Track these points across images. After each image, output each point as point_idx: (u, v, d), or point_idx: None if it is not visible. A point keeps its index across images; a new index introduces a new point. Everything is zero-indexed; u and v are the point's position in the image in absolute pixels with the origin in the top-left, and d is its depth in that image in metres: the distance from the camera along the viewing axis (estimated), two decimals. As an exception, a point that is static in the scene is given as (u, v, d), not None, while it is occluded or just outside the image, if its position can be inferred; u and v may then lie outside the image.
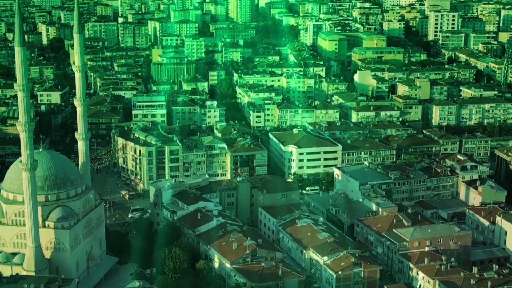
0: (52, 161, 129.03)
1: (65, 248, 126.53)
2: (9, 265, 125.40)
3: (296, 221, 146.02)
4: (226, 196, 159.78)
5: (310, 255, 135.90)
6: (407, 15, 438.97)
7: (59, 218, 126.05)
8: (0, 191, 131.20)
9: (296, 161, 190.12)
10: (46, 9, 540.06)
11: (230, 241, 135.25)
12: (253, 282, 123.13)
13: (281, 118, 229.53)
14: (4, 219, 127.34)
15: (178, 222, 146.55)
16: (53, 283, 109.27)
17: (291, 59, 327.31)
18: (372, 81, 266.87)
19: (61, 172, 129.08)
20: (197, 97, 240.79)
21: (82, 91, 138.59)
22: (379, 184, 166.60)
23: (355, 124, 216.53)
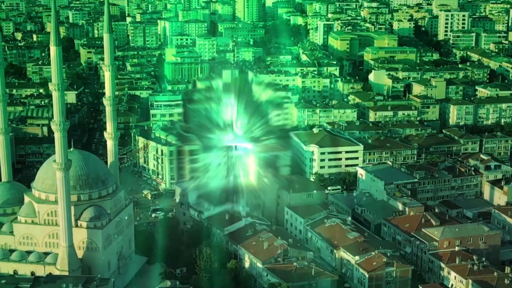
0: (84, 161, 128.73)
1: (98, 247, 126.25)
2: (42, 264, 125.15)
3: (325, 220, 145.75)
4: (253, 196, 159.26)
5: (340, 255, 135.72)
6: (416, 14, 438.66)
7: (92, 217, 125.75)
8: (32, 191, 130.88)
9: (318, 161, 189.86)
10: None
11: (261, 241, 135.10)
12: (286, 281, 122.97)
13: (299, 118, 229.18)
14: (37, 219, 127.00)
15: (206, 221, 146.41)
16: (90, 282, 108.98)
17: (303, 58, 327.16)
18: (387, 81, 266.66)
19: (93, 171, 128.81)
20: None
21: (111, 90, 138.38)
22: (404, 183, 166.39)
23: (373, 124, 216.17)
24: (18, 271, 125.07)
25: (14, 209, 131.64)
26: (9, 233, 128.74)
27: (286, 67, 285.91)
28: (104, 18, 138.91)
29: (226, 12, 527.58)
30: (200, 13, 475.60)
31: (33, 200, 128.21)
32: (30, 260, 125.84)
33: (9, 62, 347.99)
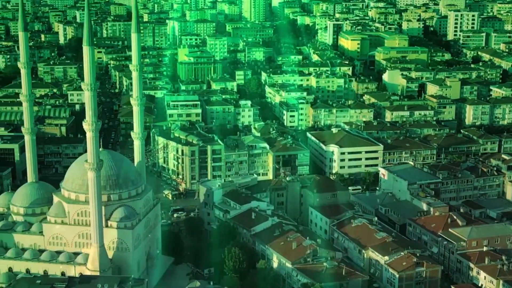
0: (113, 161, 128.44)
1: (128, 248, 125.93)
2: (72, 265, 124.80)
3: (351, 221, 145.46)
4: (276, 195, 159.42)
5: (369, 255, 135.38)
6: (424, 14, 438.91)
7: (122, 217, 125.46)
8: (60, 191, 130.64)
9: (338, 161, 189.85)
10: (59, 9, 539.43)
11: (289, 241, 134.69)
12: (316, 281, 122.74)
13: (315, 118, 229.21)
14: (66, 219, 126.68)
15: (232, 221, 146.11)
16: (125, 283, 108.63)
17: (314, 58, 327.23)
18: (401, 81, 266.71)
19: (123, 171, 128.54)
20: (228, 97, 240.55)
21: (139, 90, 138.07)
22: (427, 183, 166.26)
23: (391, 124, 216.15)
24: (48, 271, 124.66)
25: (43, 209, 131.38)
26: (39, 233, 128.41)
27: (299, 67, 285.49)
28: (132, 18, 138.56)
29: (232, 12, 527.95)
30: (207, 13, 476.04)
31: (63, 200, 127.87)
32: (60, 260, 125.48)
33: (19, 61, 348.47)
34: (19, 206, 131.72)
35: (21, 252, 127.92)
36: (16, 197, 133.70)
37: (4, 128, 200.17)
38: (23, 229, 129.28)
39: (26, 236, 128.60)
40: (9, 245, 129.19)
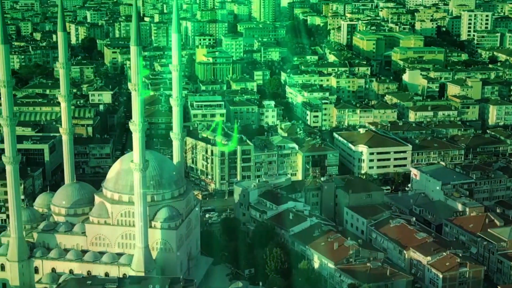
0: (156, 161, 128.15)
1: (172, 248, 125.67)
2: (116, 265, 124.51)
3: (390, 221, 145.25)
4: (311, 196, 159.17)
5: (410, 255, 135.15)
6: (435, 15, 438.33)
7: (166, 218, 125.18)
8: (102, 191, 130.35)
9: (367, 161, 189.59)
10: (68, 9, 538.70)
11: (330, 241, 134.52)
12: (361, 282, 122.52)
13: (339, 118, 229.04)
14: (110, 219, 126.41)
15: (269, 222, 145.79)
16: (176, 283, 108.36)
17: (330, 58, 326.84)
18: (422, 81, 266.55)
19: (166, 172, 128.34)
20: (249, 97, 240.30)
21: (179, 91, 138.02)
22: (460, 184, 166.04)
23: (416, 124, 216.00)
24: (92, 272, 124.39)
25: (84, 210, 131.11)
26: (81, 233, 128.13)
27: (318, 67, 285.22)
28: (173, 18, 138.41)
29: (242, 12, 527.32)
30: (218, 13, 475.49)
31: (106, 200, 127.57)
32: (103, 261, 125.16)
33: (34, 62, 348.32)
34: (61, 206, 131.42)
35: (64, 252, 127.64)
36: (57, 198, 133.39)
37: (31, 129, 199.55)
38: (65, 229, 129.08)
39: (69, 237, 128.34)
40: (51, 245, 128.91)
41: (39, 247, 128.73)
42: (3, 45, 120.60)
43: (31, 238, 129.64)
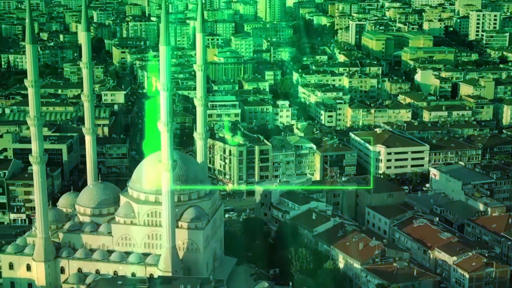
0: (182, 161, 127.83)
1: (198, 248, 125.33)
2: (142, 265, 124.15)
3: (413, 221, 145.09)
4: (332, 196, 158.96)
5: (435, 255, 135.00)
6: (443, 14, 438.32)
7: (193, 218, 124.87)
8: (127, 191, 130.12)
9: (384, 161, 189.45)
10: (74, 9, 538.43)
11: (354, 241, 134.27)
12: (388, 282, 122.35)
13: (353, 118, 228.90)
14: (136, 220, 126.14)
15: (292, 222, 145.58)
16: (207, 284, 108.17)
17: (340, 58, 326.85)
18: (434, 81, 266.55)
19: (192, 172, 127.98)
20: (262, 97, 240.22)
21: (203, 90, 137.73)
22: (481, 184, 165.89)
23: (432, 124, 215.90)
24: (119, 272, 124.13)
25: (109, 210, 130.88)
26: (107, 233, 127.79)
27: (330, 67, 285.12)
28: (198, 18, 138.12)
29: (247, 12, 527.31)
30: (225, 13, 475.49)
31: (132, 200, 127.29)
32: (130, 261, 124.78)
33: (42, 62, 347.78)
34: (86, 206, 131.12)
35: (89, 252, 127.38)
36: (82, 198, 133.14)
37: (48, 128, 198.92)
38: (91, 229, 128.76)
39: (95, 237, 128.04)
40: (76, 245, 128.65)
41: (65, 247, 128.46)
42: (32, 45, 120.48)
43: (56, 238, 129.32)
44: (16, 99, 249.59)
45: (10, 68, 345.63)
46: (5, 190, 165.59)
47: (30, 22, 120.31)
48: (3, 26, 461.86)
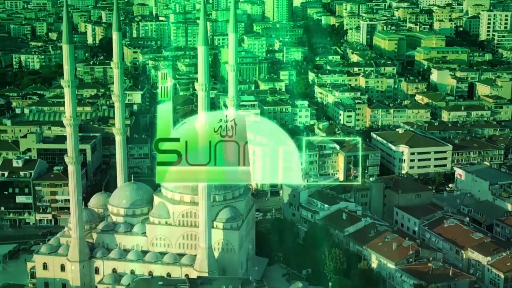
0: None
1: (234, 248, 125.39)
2: (178, 266, 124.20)
3: (444, 221, 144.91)
4: (360, 196, 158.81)
5: (468, 255, 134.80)
6: (452, 14, 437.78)
7: (228, 218, 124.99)
8: (161, 191, 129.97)
9: (407, 161, 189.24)
10: (81, 9, 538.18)
11: (387, 242, 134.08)
12: (424, 282, 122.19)
13: (372, 118, 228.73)
14: (170, 220, 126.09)
15: (322, 222, 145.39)
16: (249, 284, 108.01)
17: (353, 58, 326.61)
18: (451, 81, 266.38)
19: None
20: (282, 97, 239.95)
21: (235, 90, 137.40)
22: (508, 184, 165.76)
23: (452, 124, 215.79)
24: (154, 273, 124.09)
25: (143, 210, 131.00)
26: (141, 234, 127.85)
27: (345, 67, 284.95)
28: (230, 18, 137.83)
29: (255, 12, 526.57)
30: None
31: (166, 201, 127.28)
32: (165, 262, 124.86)
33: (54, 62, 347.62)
34: (119, 207, 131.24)
35: (124, 253, 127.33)
36: (115, 198, 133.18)
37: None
38: (125, 230, 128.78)
39: (129, 237, 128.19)
40: (110, 246, 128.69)
41: (98, 247, 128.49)
42: (68, 45, 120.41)
43: (90, 239, 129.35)
44: (33, 99, 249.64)
45: (22, 68, 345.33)
46: (31, 191, 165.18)
47: (67, 22, 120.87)
48: (12, 26, 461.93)
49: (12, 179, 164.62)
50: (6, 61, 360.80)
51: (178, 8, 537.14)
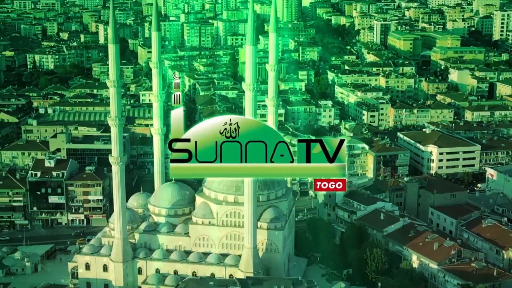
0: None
1: (278, 249, 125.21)
2: (222, 266, 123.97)
3: (482, 221, 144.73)
4: (395, 196, 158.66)
5: (509, 255, 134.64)
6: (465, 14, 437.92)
7: (272, 219, 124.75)
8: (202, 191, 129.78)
9: (436, 161, 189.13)
10: (90, 9, 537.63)
11: (428, 242, 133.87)
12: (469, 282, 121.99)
13: (396, 118, 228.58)
14: (214, 220, 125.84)
15: (360, 222, 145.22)
16: (299, 285, 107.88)
17: (369, 58, 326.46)
18: (471, 81, 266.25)
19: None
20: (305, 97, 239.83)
21: (275, 90, 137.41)
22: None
23: (477, 124, 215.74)
24: (197, 273, 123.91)
25: (184, 210, 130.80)
26: (184, 234, 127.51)
27: (364, 67, 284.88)
28: (271, 18, 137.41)
29: (264, 12, 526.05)
30: (244, 13, 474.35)
31: (209, 201, 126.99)
32: (209, 262, 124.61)
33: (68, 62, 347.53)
34: (161, 207, 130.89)
35: (167, 253, 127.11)
36: (156, 198, 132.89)
37: (96, 129, 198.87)
38: (167, 230, 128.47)
39: (171, 237, 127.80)
40: (152, 246, 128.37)
41: (141, 247, 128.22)
42: (114, 45, 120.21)
43: (132, 239, 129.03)
44: (54, 99, 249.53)
45: (35, 68, 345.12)
46: (64, 191, 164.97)
47: (113, 21, 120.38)
48: (22, 26, 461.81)
49: (45, 179, 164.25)
50: (19, 61, 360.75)
51: (187, 8, 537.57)
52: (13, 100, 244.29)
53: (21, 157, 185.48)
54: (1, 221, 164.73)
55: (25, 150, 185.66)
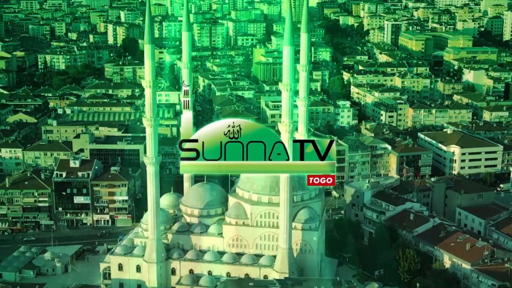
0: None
1: (312, 249, 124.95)
2: (256, 266, 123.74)
3: (511, 221, 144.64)
4: (422, 196, 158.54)
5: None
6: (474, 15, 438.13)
7: (307, 219, 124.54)
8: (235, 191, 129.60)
9: (458, 161, 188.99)
10: (97, 9, 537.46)
11: (459, 242, 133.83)
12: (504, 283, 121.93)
13: (414, 118, 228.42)
14: (248, 220, 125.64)
15: (389, 223, 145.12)
16: (339, 286, 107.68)
17: (381, 59, 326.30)
18: (487, 81, 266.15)
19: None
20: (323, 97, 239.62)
21: (306, 91, 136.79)
22: None
23: (497, 124, 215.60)
24: (231, 274, 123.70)
25: (217, 211, 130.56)
26: (218, 235, 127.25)
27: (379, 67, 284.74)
28: (303, 18, 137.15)
29: (271, 12, 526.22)
30: (252, 14, 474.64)
31: (243, 201, 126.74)
32: (243, 262, 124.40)
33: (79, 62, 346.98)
34: (194, 207, 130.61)
35: (200, 254, 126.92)
36: (188, 199, 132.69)
37: (117, 129, 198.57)
38: (200, 231, 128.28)
39: (204, 238, 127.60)
40: (185, 247, 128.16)
41: (174, 248, 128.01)
42: (150, 45, 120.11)
43: (164, 240, 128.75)
44: (71, 99, 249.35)
45: (47, 68, 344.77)
46: (89, 191, 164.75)
47: (149, 22, 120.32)
48: (30, 26, 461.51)
49: (70, 179, 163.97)
50: (30, 61, 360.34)
51: (194, 8, 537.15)
52: (29, 101, 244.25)
53: (44, 157, 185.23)
54: (26, 221, 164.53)
55: (47, 151, 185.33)
